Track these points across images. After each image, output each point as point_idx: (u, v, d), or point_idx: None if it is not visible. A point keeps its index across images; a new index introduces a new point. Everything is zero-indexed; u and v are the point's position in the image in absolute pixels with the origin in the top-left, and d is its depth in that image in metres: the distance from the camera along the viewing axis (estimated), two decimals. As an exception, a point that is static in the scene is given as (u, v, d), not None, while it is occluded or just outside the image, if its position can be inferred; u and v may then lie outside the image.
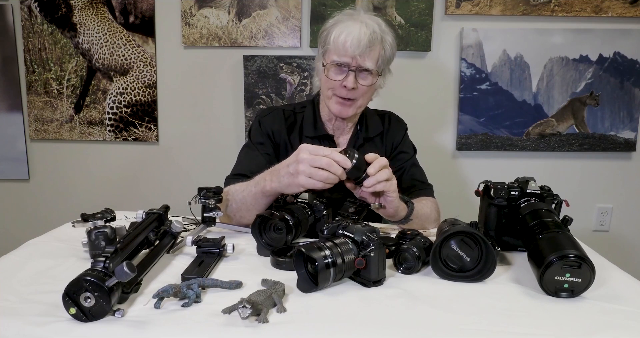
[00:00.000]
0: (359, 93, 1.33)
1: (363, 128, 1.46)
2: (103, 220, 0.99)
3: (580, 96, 2.21)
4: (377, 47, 1.30)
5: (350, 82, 1.29)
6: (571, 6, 2.13)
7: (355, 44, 1.26)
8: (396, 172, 1.42)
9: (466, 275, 0.93)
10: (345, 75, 1.30)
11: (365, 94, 1.35)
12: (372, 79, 1.32)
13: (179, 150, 2.33)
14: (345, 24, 1.29)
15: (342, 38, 1.28)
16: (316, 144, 1.33)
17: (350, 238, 0.91)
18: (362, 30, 1.27)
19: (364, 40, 1.26)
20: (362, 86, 1.32)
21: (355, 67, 1.29)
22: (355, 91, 1.32)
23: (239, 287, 0.88)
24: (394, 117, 1.55)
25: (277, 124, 1.44)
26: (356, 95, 1.33)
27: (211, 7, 2.17)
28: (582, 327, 0.77)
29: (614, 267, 1.03)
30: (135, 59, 2.23)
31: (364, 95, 1.35)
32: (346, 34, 1.27)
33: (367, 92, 1.35)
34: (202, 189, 1.18)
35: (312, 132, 1.43)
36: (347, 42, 1.27)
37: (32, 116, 2.29)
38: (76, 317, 0.74)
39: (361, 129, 1.46)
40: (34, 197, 2.39)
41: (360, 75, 1.31)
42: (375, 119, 1.49)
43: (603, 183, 2.30)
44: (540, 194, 1.07)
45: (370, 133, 1.46)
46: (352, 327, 0.75)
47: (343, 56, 1.29)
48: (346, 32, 1.27)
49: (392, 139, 1.49)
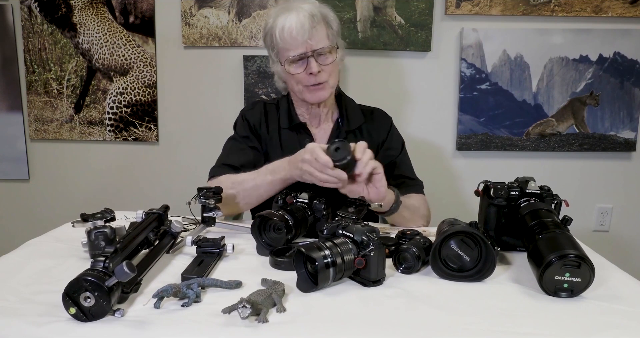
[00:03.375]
0: (326, 74, 1.34)
1: (344, 120, 1.46)
2: (103, 220, 0.99)
3: (580, 96, 2.21)
4: (321, 25, 1.32)
5: (314, 67, 1.30)
6: (571, 6, 2.13)
7: (300, 31, 1.28)
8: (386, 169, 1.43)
9: (466, 275, 0.93)
10: (306, 64, 1.31)
11: (333, 73, 1.37)
12: (331, 56, 1.34)
13: (179, 150, 2.33)
14: (281, 18, 1.31)
15: (285, 31, 1.29)
16: (292, 134, 1.41)
17: (350, 238, 0.91)
18: (300, 16, 1.28)
19: (306, 24, 1.28)
20: (326, 66, 1.33)
21: (311, 52, 1.30)
22: (322, 74, 1.33)
23: (239, 287, 0.88)
24: (378, 112, 1.54)
25: (258, 117, 1.47)
26: (324, 77, 1.34)
27: (211, 7, 2.17)
28: (582, 326, 0.77)
29: (613, 267, 1.03)
30: (135, 59, 2.23)
31: (331, 74, 1.36)
32: (288, 26, 1.28)
33: (334, 70, 1.37)
34: (201, 189, 1.18)
35: (286, 123, 1.44)
36: (292, 32, 1.28)
37: (32, 116, 2.29)
38: (76, 317, 0.74)
39: (342, 122, 1.46)
40: (34, 197, 2.39)
41: (320, 58, 1.32)
42: (356, 111, 1.49)
43: (603, 183, 2.30)
44: (540, 194, 1.07)
45: (352, 125, 1.45)
46: (352, 327, 0.75)
47: (296, 48, 1.30)
48: (287, 24, 1.29)
49: (377, 135, 1.48)
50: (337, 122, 1.46)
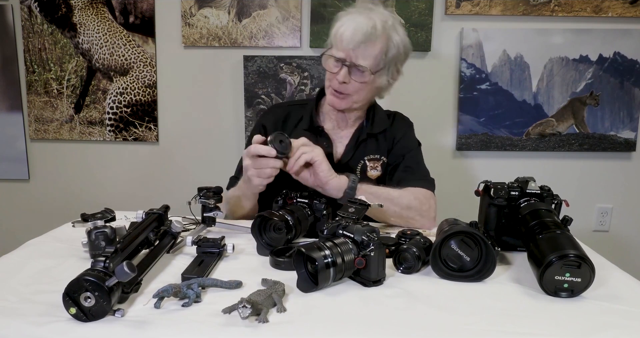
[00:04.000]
0: (351, 89, 1.31)
1: (369, 122, 1.44)
2: (103, 220, 0.99)
3: (580, 96, 2.21)
4: (376, 44, 1.26)
5: (341, 76, 1.28)
6: (571, 6, 2.13)
7: (349, 39, 1.25)
8: (394, 166, 1.43)
9: (466, 275, 0.93)
10: (339, 68, 1.29)
11: (360, 91, 1.32)
12: (366, 77, 1.29)
13: (179, 150, 2.33)
14: (348, 18, 1.28)
15: (340, 32, 1.28)
16: (310, 136, 1.36)
17: (350, 237, 0.91)
18: (361, 25, 1.24)
19: (358, 35, 1.24)
20: (355, 82, 1.30)
21: (349, 62, 1.28)
22: (347, 86, 1.30)
23: (239, 287, 0.88)
24: (399, 116, 1.53)
25: (275, 119, 1.47)
26: (348, 90, 1.31)
27: (211, 7, 2.17)
28: (582, 327, 0.77)
29: (613, 267, 1.03)
30: (135, 59, 2.23)
31: (358, 91, 1.32)
32: (344, 28, 1.27)
33: (363, 90, 1.32)
34: (202, 189, 1.18)
35: (305, 125, 1.44)
36: (343, 36, 1.26)
37: (32, 116, 2.29)
38: (76, 317, 0.74)
39: (367, 124, 1.44)
40: (34, 197, 2.39)
41: (354, 71, 1.29)
42: (383, 117, 1.47)
43: (603, 183, 2.30)
44: (540, 194, 1.07)
45: (375, 128, 1.43)
46: (352, 326, 0.75)
47: (339, 50, 1.28)
48: (345, 25, 1.27)
49: (393, 135, 1.46)
50: (361, 126, 1.44)
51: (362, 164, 1.41)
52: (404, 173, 1.40)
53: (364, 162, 1.41)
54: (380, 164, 1.43)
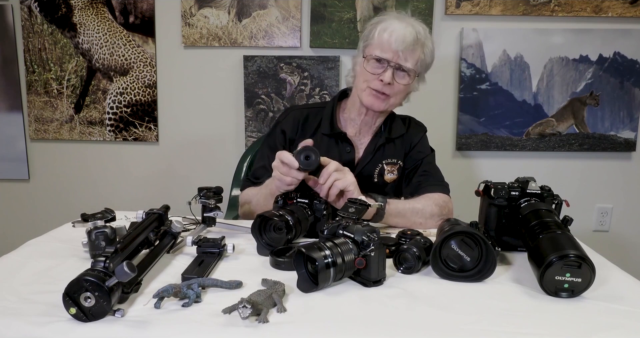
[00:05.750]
0: (393, 90, 1.35)
1: (387, 128, 1.47)
2: (103, 220, 0.99)
3: (580, 96, 2.21)
4: (418, 49, 1.34)
5: (387, 77, 1.32)
6: (571, 6, 2.13)
7: (399, 41, 1.30)
8: (411, 170, 1.47)
9: (466, 275, 0.93)
10: (383, 70, 1.33)
11: (399, 94, 1.37)
12: (409, 79, 1.35)
13: (179, 150, 2.32)
14: (391, 22, 1.34)
15: (387, 33, 1.31)
16: (331, 142, 1.42)
17: (350, 238, 0.91)
18: (408, 30, 1.31)
19: (408, 38, 1.30)
20: (398, 84, 1.34)
21: (395, 63, 1.32)
22: (391, 87, 1.34)
23: (239, 287, 0.88)
24: (414, 121, 1.56)
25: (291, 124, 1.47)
26: (390, 91, 1.35)
27: (211, 7, 2.17)
28: (582, 327, 0.77)
29: (614, 267, 1.03)
30: (135, 59, 2.23)
31: (397, 94, 1.37)
32: (391, 30, 1.31)
33: (402, 92, 1.38)
34: (202, 189, 1.19)
35: (327, 130, 1.45)
36: (392, 38, 1.30)
37: (32, 116, 2.29)
38: (76, 317, 0.74)
39: (385, 129, 1.47)
40: (34, 197, 2.39)
41: (398, 73, 1.34)
42: (399, 122, 1.51)
43: (603, 183, 2.30)
44: (540, 194, 1.07)
45: (393, 133, 1.47)
46: (352, 327, 0.75)
47: (386, 51, 1.32)
48: (391, 28, 1.31)
49: (410, 140, 1.50)
50: (379, 131, 1.47)
51: (380, 168, 1.46)
52: (422, 177, 1.45)
53: (382, 166, 1.46)
54: (397, 168, 1.47)
